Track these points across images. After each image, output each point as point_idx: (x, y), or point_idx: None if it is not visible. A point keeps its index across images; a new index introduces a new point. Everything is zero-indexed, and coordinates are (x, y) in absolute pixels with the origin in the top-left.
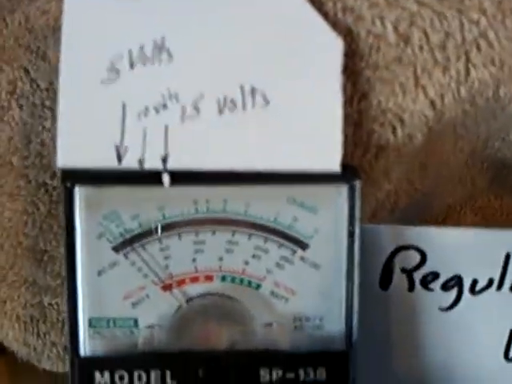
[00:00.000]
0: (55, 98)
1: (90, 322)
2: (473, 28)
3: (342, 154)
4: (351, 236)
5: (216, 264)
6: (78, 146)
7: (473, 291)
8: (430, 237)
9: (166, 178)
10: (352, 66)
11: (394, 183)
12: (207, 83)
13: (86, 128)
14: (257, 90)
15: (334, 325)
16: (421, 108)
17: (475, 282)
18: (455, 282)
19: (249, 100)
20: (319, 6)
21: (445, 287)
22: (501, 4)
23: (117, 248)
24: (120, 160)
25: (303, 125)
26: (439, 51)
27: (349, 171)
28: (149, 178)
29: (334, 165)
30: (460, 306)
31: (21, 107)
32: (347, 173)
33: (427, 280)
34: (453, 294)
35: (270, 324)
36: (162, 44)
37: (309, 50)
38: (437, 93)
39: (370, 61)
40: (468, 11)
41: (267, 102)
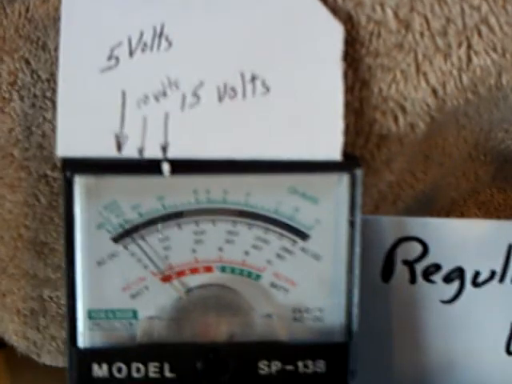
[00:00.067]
0: (56, 89)
1: (89, 314)
2: (474, 13)
3: (343, 143)
4: (352, 226)
5: (216, 255)
6: (78, 135)
7: (475, 283)
8: (432, 228)
9: (166, 167)
10: (352, 53)
11: (397, 174)
12: (207, 70)
13: (86, 117)
14: (257, 78)
15: (334, 316)
16: (422, 96)
17: (477, 274)
18: (457, 274)
19: (249, 87)
20: None
21: (447, 279)
22: None
23: (116, 239)
24: (120, 149)
25: (304, 113)
26: (440, 37)
27: (350, 160)
28: (149, 167)
29: (335, 153)
30: (462, 299)
31: (22, 98)
32: (348, 161)
33: (429, 272)
34: (455, 286)
35: (270, 315)
36: (162, 31)
37: (309, 37)
38: (438, 80)
39: (371, 47)
40: None
41: (267, 90)
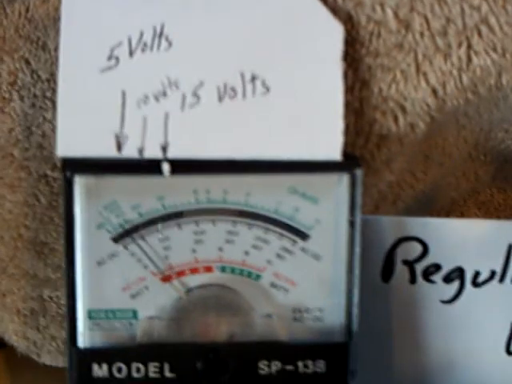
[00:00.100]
0: (56, 89)
1: (89, 314)
2: (474, 13)
3: (343, 143)
4: (352, 226)
5: (216, 255)
6: (78, 135)
7: (475, 283)
8: (432, 228)
9: (166, 167)
10: (352, 53)
11: (397, 174)
12: (207, 70)
13: (86, 117)
14: (257, 78)
15: (334, 316)
16: (422, 96)
17: (477, 274)
18: (457, 274)
19: (249, 87)
20: None
21: (447, 279)
22: None
23: (116, 239)
24: (120, 149)
25: (304, 113)
26: (440, 37)
27: (350, 160)
28: (149, 167)
29: (335, 153)
30: (462, 299)
31: (22, 98)
32: (348, 161)
33: (429, 272)
34: (455, 287)
35: (270, 315)
36: (162, 31)
37: (309, 37)
38: (438, 80)
39: (371, 47)
40: None
41: (267, 90)
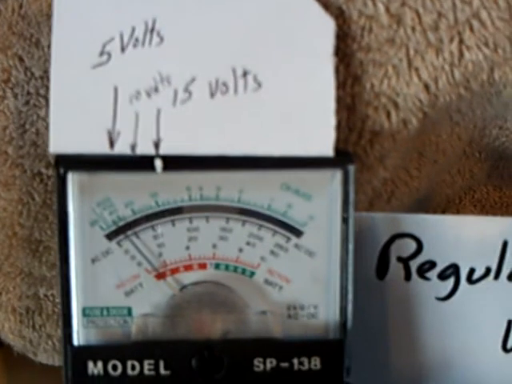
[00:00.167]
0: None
1: (84, 311)
2: (465, 8)
3: (336, 138)
4: (345, 222)
5: (210, 252)
6: (71, 132)
7: (470, 280)
8: (426, 225)
9: (159, 164)
10: (344, 48)
11: (390, 171)
12: (199, 66)
13: (79, 113)
14: (249, 73)
15: (329, 313)
16: (415, 91)
17: (472, 271)
18: (452, 271)
19: (241, 83)
20: None
21: (442, 276)
22: None
23: (110, 236)
24: (112, 145)
25: (296, 108)
26: (432, 32)
27: (342, 156)
28: (141, 164)
29: (328, 149)
30: (457, 295)
31: (15, 96)
32: (341, 157)
33: (424, 269)
34: (450, 283)
35: (264, 312)
36: (153, 26)
37: (301, 32)
38: (430, 75)
39: (363, 42)
40: None
41: (259, 85)
